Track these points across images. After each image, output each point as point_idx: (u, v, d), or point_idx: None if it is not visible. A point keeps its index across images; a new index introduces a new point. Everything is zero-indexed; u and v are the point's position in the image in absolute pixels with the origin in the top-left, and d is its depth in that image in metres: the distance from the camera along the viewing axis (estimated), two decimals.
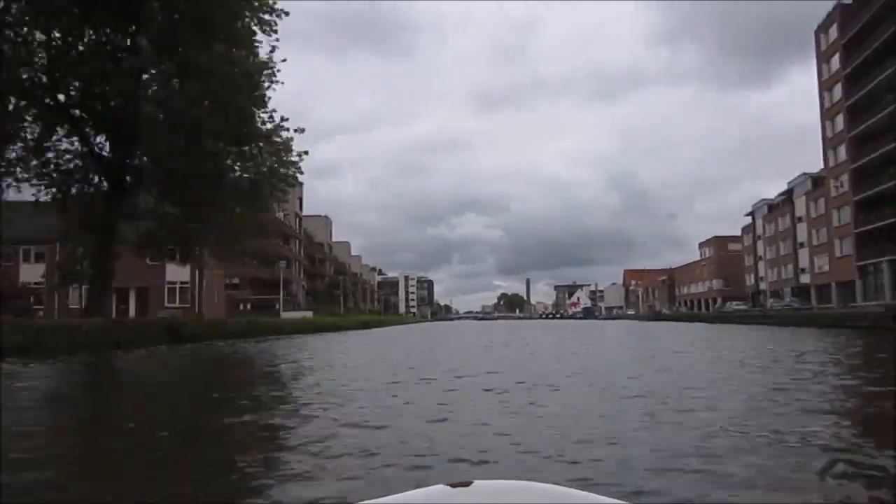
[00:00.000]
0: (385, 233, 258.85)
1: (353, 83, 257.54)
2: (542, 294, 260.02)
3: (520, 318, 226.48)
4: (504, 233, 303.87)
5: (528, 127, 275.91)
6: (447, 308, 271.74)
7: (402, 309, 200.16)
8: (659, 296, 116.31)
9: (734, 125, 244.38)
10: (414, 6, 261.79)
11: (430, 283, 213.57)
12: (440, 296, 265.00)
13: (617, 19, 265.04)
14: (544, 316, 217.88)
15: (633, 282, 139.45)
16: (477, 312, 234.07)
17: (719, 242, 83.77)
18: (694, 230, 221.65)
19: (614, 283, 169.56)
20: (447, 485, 1.08)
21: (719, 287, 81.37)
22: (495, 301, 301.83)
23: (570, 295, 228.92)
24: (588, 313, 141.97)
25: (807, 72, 77.44)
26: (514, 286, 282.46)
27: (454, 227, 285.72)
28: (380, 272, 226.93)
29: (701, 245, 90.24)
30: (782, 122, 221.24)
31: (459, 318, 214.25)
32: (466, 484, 1.07)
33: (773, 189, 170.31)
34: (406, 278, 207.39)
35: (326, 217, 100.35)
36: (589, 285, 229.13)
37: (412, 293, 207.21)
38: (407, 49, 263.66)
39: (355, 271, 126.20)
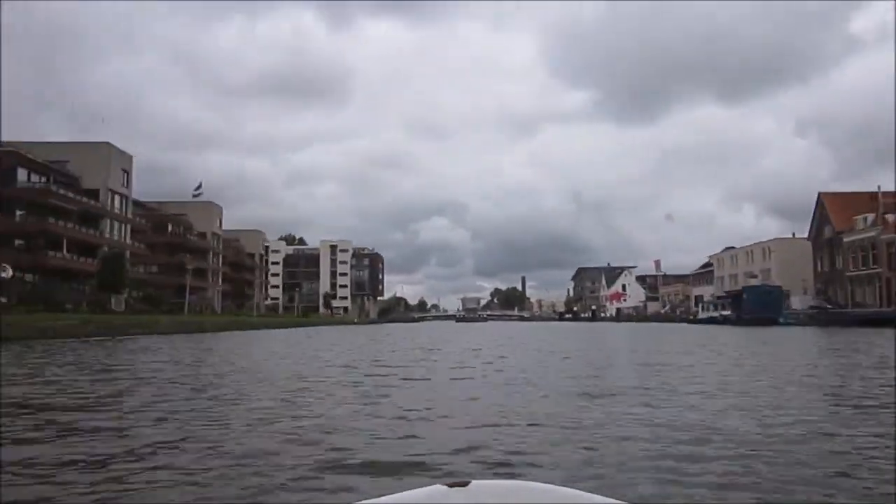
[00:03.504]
0: (363, 236, 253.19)
1: (304, 127, 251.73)
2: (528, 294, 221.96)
3: (520, 318, 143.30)
4: (475, 237, 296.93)
5: (468, 149, 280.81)
6: (422, 305, 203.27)
7: (321, 303, 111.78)
8: None
9: (638, 152, 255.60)
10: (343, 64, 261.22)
11: (376, 259, 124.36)
12: (427, 296, 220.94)
13: (516, 70, 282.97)
14: (565, 316, 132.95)
15: (871, 217, 51.73)
16: (454, 312, 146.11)
17: None
18: (648, 239, 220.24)
19: (742, 247, 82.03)
20: (445, 485, 1.04)
21: None
22: (488, 299, 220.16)
23: (609, 283, 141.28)
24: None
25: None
26: (500, 287, 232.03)
27: (427, 231, 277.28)
28: (299, 242, 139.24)
29: None
30: (676, 148, 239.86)
31: (425, 319, 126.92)
32: (464, 484, 1.03)
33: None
34: (333, 249, 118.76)
35: (212, 203, 78.56)
36: (634, 267, 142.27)
37: (343, 274, 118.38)
38: (342, 98, 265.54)
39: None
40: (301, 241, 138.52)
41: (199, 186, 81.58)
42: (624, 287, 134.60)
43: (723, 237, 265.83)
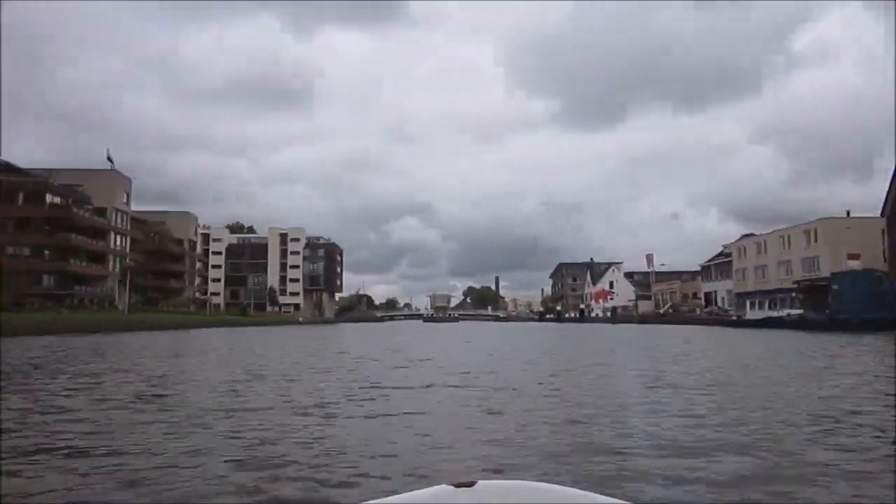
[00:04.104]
0: (337, 235, 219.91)
1: (277, 129, 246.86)
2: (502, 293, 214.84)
3: (495, 318, 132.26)
4: (448, 238, 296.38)
5: (439, 153, 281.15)
6: (391, 304, 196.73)
7: (271, 301, 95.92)
8: None
9: (602, 158, 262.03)
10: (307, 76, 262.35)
11: (333, 251, 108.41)
12: (401, 296, 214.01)
13: (482, 79, 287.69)
14: (546, 316, 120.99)
15: None
16: (420, 312, 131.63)
17: None
18: (616, 243, 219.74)
19: (772, 231, 69.14)
20: (451, 485, 1.04)
21: None
22: (461, 298, 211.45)
23: (595, 280, 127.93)
24: None
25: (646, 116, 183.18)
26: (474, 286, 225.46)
27: (399, 231, 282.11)
28: (248, 231, 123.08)
29: None
30: (638, 155, 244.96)
31: (393, 319, 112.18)
32: (470, 484, 1.04)
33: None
34: (283, 238, 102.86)
35: (116, 172, 63.78)
36: (621, 263, 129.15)
37: (295, 266, 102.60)
38: (313, 104, 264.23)
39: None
40: (250, 230, 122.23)
41: (108, 154, 66.18)
42: (611, 284, 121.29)
43: (692, 239, 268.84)
